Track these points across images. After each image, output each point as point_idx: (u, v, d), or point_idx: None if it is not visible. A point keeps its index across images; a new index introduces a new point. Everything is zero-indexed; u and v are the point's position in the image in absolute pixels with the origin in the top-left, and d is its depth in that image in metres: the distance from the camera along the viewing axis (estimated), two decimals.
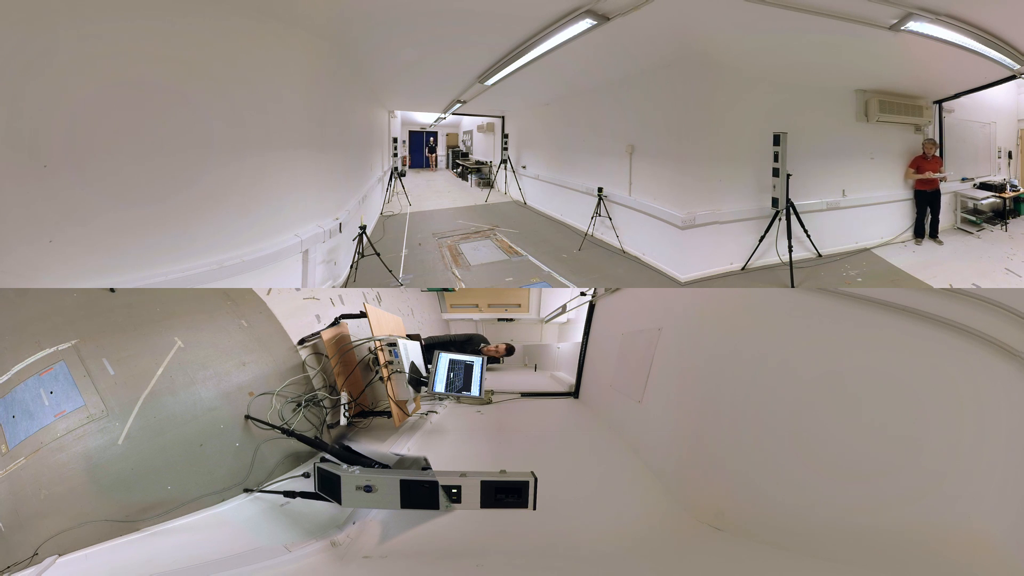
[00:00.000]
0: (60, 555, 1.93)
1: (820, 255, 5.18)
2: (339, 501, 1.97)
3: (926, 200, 5.79)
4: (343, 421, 3.33)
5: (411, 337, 4.24)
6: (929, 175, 5.70)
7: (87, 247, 2.37)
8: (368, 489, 1.94)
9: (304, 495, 2.28)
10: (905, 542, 1.77)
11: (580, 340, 5.40)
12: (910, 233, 5.89)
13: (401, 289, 6.14)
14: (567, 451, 3.54)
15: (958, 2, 3.78)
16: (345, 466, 2.03)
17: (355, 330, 3.97)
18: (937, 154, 5.82)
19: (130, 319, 2.67)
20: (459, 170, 13.90)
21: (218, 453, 2.59)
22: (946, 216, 6.03)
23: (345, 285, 4.72)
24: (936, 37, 4.13)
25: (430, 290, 9.19)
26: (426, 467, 2.26)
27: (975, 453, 1.82)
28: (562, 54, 4.61)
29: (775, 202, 4.65)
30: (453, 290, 9.44)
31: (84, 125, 2.30)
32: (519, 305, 10.09)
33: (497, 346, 6.20)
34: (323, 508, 2.26)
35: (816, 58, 4.64)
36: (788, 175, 4.57)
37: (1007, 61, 4.56)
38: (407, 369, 3.60)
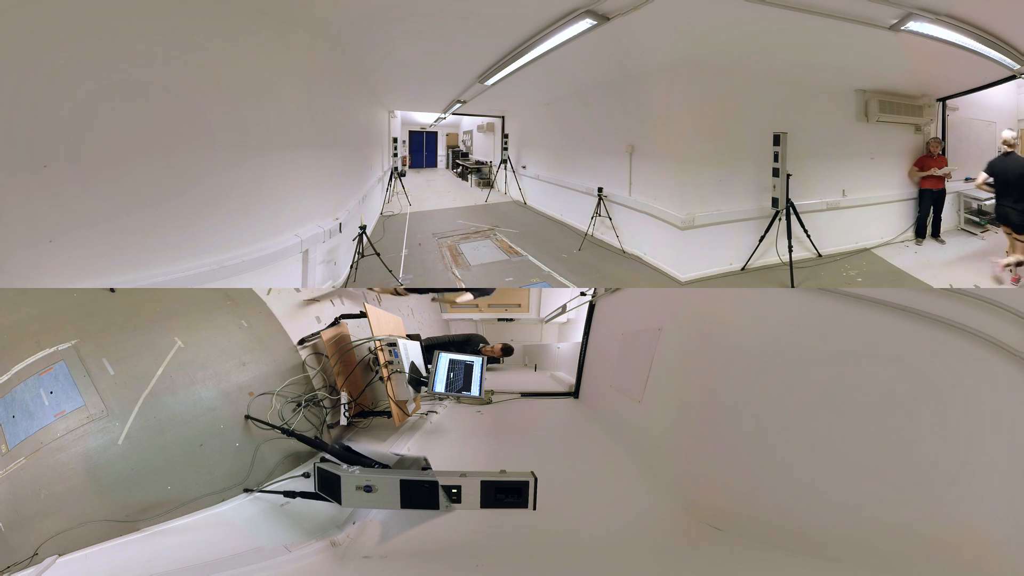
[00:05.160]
0: (60, 555, 1.93)
1: (820, 255, 5.18)
2: (339, 501, 1.97)
3: (931, 199, 5.77)
4: (343, 421, 3.33)
5: (411, 337, 4.24)
6: (935, 171, 5.69)
7: (87, 247, 2.36)
8: (368, 489, 1.95)
9: (304, 495, 2.28)
10: (905, 542, 1.77)
11: (580, 340, 5.40)
12: (911, 233, 5.88)
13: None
14: (567, 451, 3.55)
15: (958, 2, 3.78)
16: (345, 466, 2.03)
17: (355, 330, 3.97)
18: (941, 152, 5.81)
19: (130, 319, 2.68)
20: (459, 170, 13.91)
21: (218, 453, 2.59)
22: (948, 216, 6.02)
23: (345, 285, 4.72)
24: (936, 37, 4.13)
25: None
26: (426, 467, 2.26)
27: (975, 453, 1.82)
28: (562, 54, 4.61)
29: (775, 202, 4.65)
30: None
31: (85, 126, 2.30)
32: (519, 305, 10.09)
33: (494, 346, 6.19)
34: (323, 508, 2.26)
35: (816, 58, 4.64)
36: (788, 175, 4.57)
37: (1007, 61, 4.56)
38: (407, 369, 3.60)
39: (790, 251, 4.59)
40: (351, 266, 4.95)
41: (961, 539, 1.74)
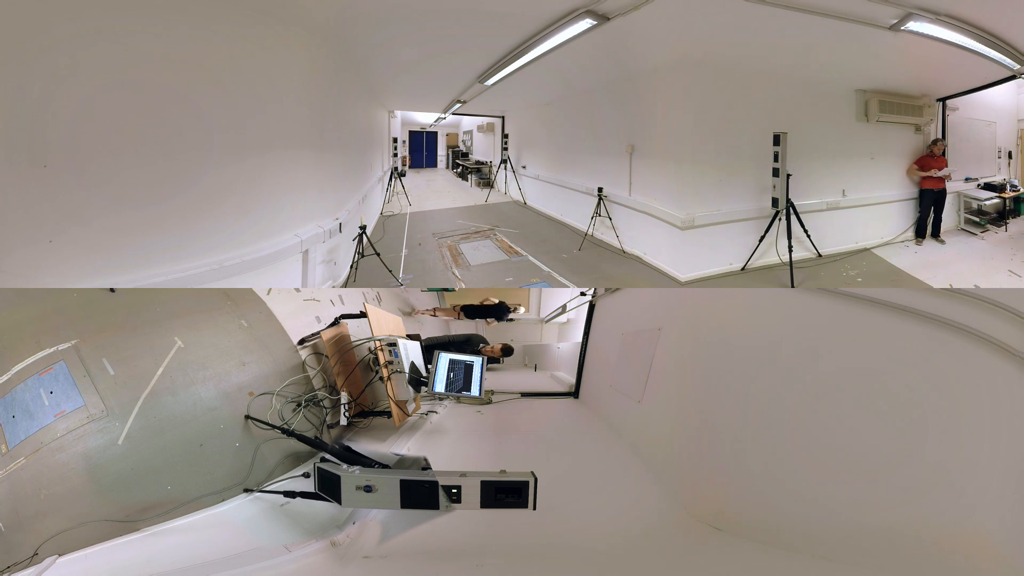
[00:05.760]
0: (60, 555, 1.93)
1: (820, 255, 5.18)
2: (339, 501, 1.97)
3: (932, 199, 5.77)
4: (343, 421, 3.33)
5: (411, 337, 4.24)
6: (936, 172, 5.68)
7: (87, 247, 2.37)
8: (368, 489, 1.95)
9: (304, 495, 2.28)
10: (905, 542, 1.77)
11: (580, 340, 5.40)
12: (911, 233, 5.87)
13: (401, 289, 6.14)
14: (567, 451, 3.54)
15: (958, 2, 3.78)
16: (345, 466, 2.03)
17: (355, 330, 3.97)
18: (942, 153, 5.81)
19: (130, 319, 2.68)
20: (459, 170, 13.91)
21: (218, 453, 2.59)
22: (948, 216, 6.02)
23: (345, 285, 4.72)
24: (936, 37, 4.13)
25: (430, 290, 9.18)
26: (426, 467, 2.26)
27: (975, 453, 1.82)
28: (562, 54, 4.61)
29: (775, 202, 4.65)
30: (453, 290, 9.44)
31: (84, 125, 2.30)
32: (519, 305, 10.08)
33: (494, 346, 6.20)
34: (323, 508, 2.26)
35: (816, 58, 4.64)
36: (788, 175, 4.57)
37: (1007, 61, 4.56)
38: (407, 369, 3.60)
39: (790, 251, 4.59)
40: (351, 266, 4.95)
41: (960, 539, 1.74)
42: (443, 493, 1.92)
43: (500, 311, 8.04)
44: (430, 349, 4.18)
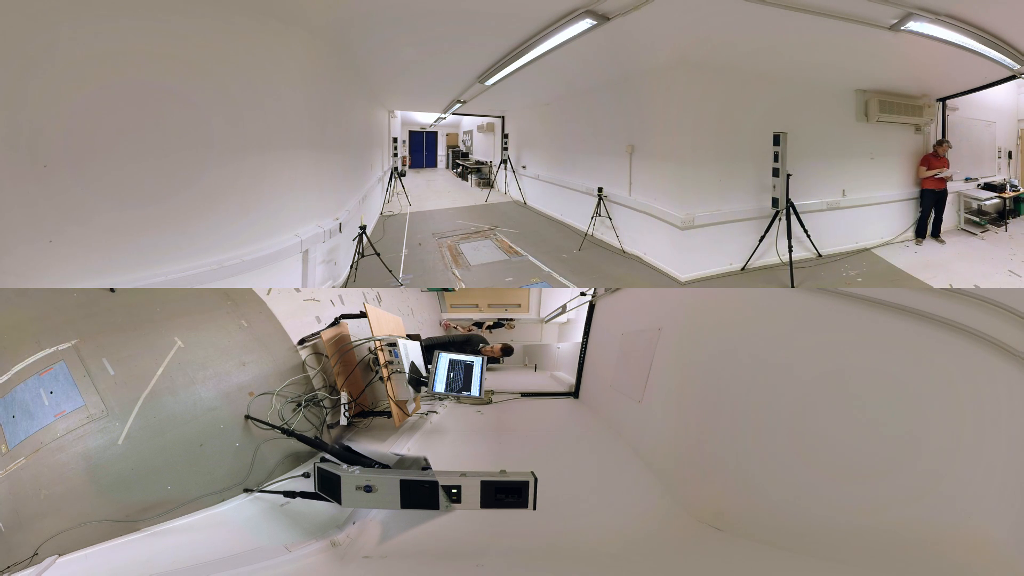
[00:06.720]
0: (60, 555, 1.93)
1: (820, 255, 5.18)
2: (339, 501, 1.97)
3: (933, 199, 5.77)
4: (343, 421, 3.33)
5: (411, 337, 4.24)
6: (941, 171, 5.68)
7: (87, 247, 2.37)
8: (368, 489, 1.95)
9: (304, 495, 2.28)
10: (905, 542, 1.77)
11: (580, 340, 5.40)
12: (911, 233, 5.87)
13: (401, 289, 6.15)
14: (567, 451, 3.54)
15: (958, 2, 3.78)
16: (345, 466, 2.03)
17: (355, 330, 3.97)
18: (944, 155, 5.82)
19: (130, 319, 2.67)
20: (459, 170, 13.91)
21: (218, 453, 2.59)
22: (949, 216, 6.02)
23: (345, 285, 4.72)
24: (936, 37, 4.13)
25: (430, 290, 9.19)
26: (426, 467, 2.26)
27: (975, 453, 1.82)
28: (562, 54, 4.61)
29: (775, 202, 4.65)
30: (453, 290, 9.45)
31: (84, 125, 2.30)
32: (519, 305, 10.10)
33: (494, 346, 6.20)
34: (323, 508, 2.26)
35: (816, 58, 4.64)
36: (788, 175, 4.57)
37: (1007, 61, 4.56)
38: (407, 369, 3.60)
39: (790, 251, 4.59)
40: (351, 266, 4.95)
41: (961, 539, 1.74)
42: (443, 493, 1.92)
43: (497, 323, 10.26)
44: (430, 349, 4.18)
